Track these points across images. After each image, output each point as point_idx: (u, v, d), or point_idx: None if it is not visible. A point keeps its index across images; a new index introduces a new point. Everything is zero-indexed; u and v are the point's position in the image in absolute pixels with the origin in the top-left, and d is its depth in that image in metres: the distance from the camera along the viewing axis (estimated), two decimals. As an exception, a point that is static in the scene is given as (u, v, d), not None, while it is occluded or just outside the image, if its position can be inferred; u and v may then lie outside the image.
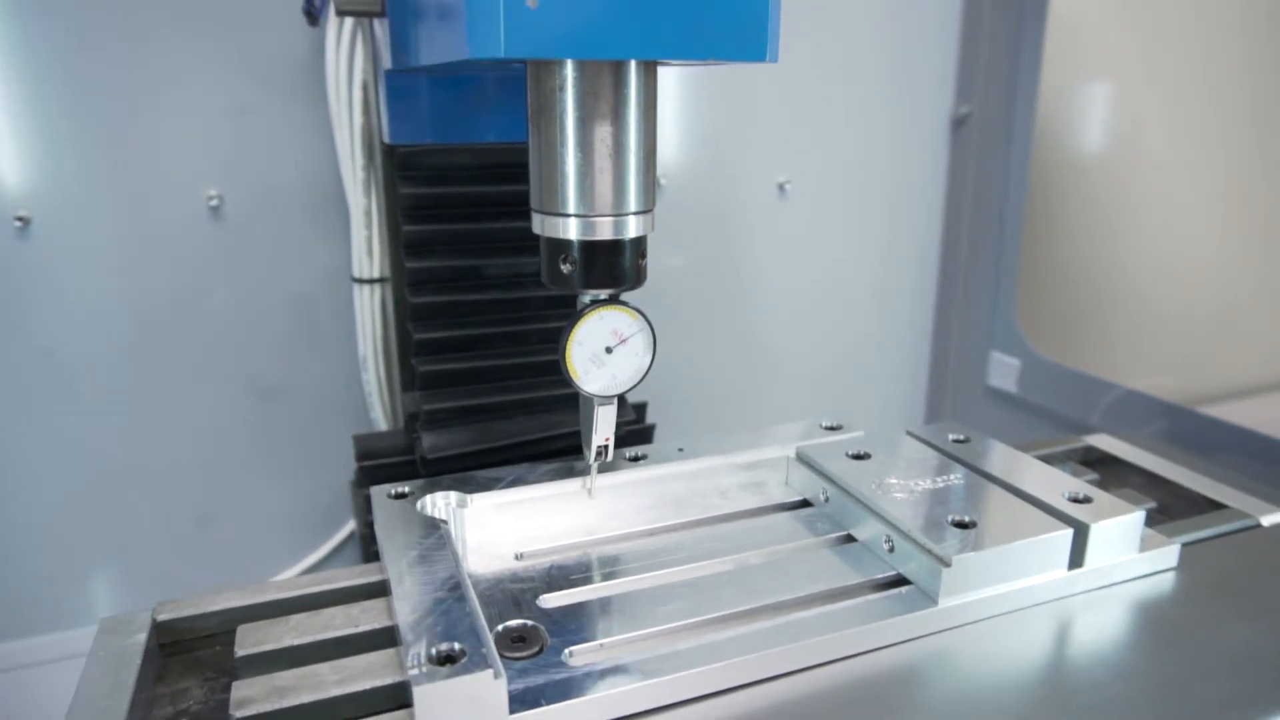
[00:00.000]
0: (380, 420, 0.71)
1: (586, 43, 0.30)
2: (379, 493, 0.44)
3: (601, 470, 0.46)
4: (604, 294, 0.38)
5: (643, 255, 0.38)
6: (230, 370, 0.69)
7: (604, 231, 0.36)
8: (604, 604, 0.40)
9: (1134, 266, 0.94)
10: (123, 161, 0.64)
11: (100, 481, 0.68)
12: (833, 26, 0.78)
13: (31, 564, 0.67)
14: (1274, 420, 0.91)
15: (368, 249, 0.66)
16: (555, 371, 0.51)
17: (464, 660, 0.32)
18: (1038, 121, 0.79)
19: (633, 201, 0.36)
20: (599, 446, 0.43)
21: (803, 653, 0.37)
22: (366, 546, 0.71)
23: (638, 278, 0.38)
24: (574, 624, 0.38)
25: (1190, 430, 0.67)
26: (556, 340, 0.41)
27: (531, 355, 0.57)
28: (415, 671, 0.32)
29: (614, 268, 0.37)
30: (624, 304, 0.39)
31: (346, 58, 0.61)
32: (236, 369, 0.69)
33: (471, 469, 0.52)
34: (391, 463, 0.60)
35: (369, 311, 0.67)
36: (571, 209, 0.36)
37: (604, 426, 0.42)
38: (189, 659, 0.40)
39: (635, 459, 0.48)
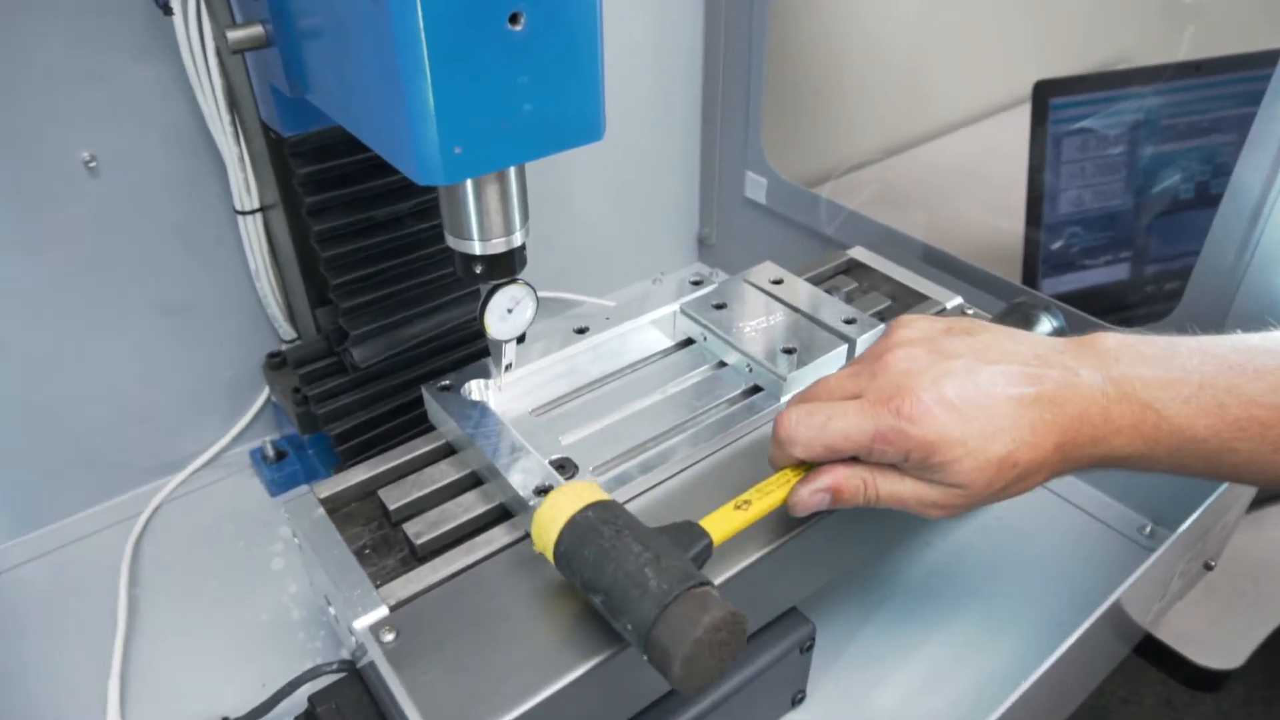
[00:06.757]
0: (278, 316, 0.87)
1: (494, 164, 0.49)
2: (430, 388, 0.66)
3: (565, 345, 0.70)
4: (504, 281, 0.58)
5: (524, 249, 0.58)
6: (138, 295, 0.82)
7: (499, 247, 0.56)
8: (600, 435, 0.65)
9: (850, 84, 1.20)
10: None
11: (59, 402, 0.82)
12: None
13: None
14: (946, 162, 1.25)
15: (245, 187, 0.78)
16: (448, 276, 0.74)
17: (552, 490, 0.57)
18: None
19: (517, 223, 0.56)
20: (506, 365, 0.65)
21: (714, 442, 0.65)
22: (277, 414, 0.92)
23: (522, 266, 0.58)
24: (584, 450, 0.64)
25: (883, 238, 0.98)
26: (441, 253, 0.68)
27: (426, 264, 0.75)
28: (533, 502, 0.57)
29: (508, 266, 0.58)
30: (516, 281, 0.59)
31: (197, 32, 0.68)
32: (143, 293, 0.82)
33: (396, 369, 0.75)
34: (323, 365, 0.79)
35: (254, 235, 0.81)
36: (476, 237, 0.56)
37: (509, 355, 0.65)
38: (341, 516, 0.62)
39: (580, 330, 0.72)
